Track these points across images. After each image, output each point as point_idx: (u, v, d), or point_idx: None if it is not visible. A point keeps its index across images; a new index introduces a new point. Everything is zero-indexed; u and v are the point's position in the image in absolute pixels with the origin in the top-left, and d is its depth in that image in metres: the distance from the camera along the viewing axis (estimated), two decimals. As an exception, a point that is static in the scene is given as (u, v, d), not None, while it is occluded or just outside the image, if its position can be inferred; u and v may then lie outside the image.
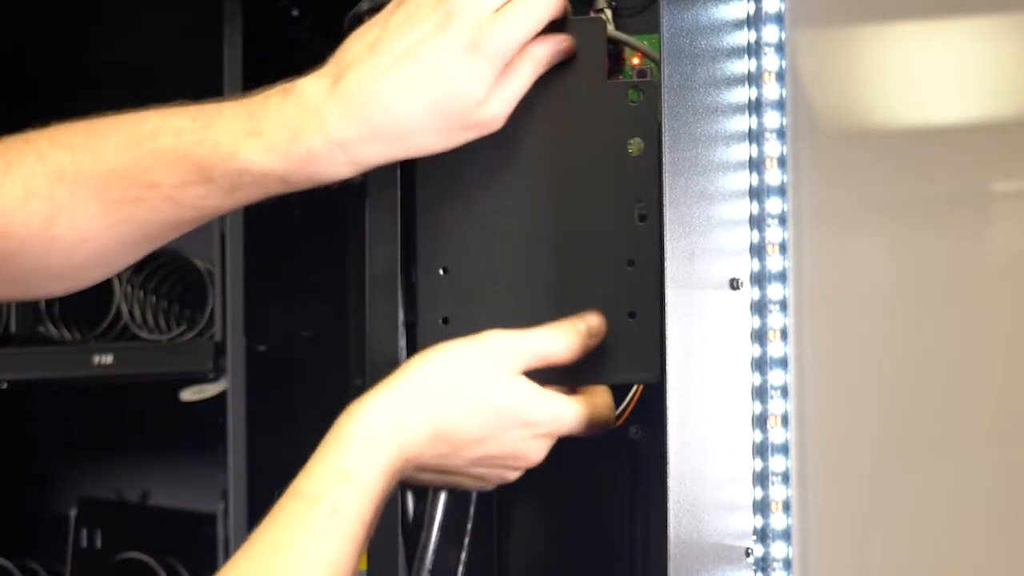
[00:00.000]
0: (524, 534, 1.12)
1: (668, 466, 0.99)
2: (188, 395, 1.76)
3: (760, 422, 1.24)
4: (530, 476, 1.05)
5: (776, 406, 1.25)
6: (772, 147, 1.26)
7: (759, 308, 1.24)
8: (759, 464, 1.23)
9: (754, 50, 1.25)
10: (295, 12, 1.78)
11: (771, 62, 1.26)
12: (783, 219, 1.26)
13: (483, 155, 1.04)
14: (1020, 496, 1.32)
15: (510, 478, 1.03)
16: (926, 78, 1.39)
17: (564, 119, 1.04)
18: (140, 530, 1.91)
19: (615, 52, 1.07)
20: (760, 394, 1.24)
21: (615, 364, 1.02)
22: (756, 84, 1.25)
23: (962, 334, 1.34)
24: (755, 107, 1.25)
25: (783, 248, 1.26)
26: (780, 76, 1.26)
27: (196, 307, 1.80)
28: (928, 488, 1.34)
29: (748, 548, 1.19)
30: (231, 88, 1.68)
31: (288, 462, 0.97)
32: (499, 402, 0.99)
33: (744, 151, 1.23)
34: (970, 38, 1.39)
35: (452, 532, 1.07)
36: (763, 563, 1.23)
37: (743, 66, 1.24)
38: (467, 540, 1.08)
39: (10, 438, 2.02)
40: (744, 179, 1.23)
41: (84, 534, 1.80)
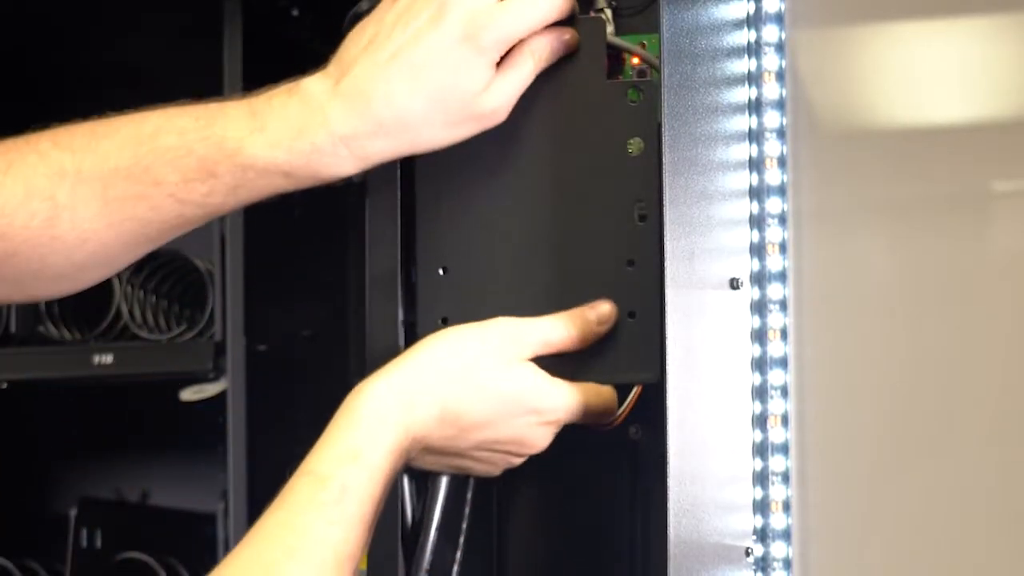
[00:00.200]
0: (524, 534, 1.12)
1: (668, 466, 0.99)
2: (188, 395, 1.75)
3: (760, 422, 1.24)
4: (530, 475, 1.05)
5: (776, 406, 1.24)
6: (772, 147, 1.26)
7: (759, 308, 1.24)
8: (759, 464, 1.23)
9: (754, 50, 1.25)
10: (295, 12, 1.78)
11: (771, 62, 1.26)
12: (783, 219, 1.26)
13: (483, 155, 1.04)
14: (1020, 496, 1.32)
15: (515, 463, 1.04)
16: (926, 78, 1.39)
17: (564, 119, 1.04)
18: (140, 530, 1.90)
19: (615, 52, 1.07)
20: (760, 394, 1.24)
21: (615, 364, 1.02)
22: (756, 84, 1.25)
23: (962, 334, 1.34)
24: (755, 107, 1.25)
25: (783, 248, 1.26)
26: (780, 76, 1.26)
27: (196, 307, 1.80)
28: (928, 488, 1.34)
29: (748, 548, 1.19)
30: (231, 88, 1.68)
31: (288, 462, 0.97)
32: (505, 387, 1.00)
33: (744, 151, 1.23)
34: (970, 38, 1.39)
35: (450, 531, 1.07)
36: (763, 563, 1.23)
37: (743, 66, 1.24)
38: (462, 539, 1.08)
39: (10, 438, 2.02)
40: (744, 179, 1.23)
41: (84, 534, 1.80)
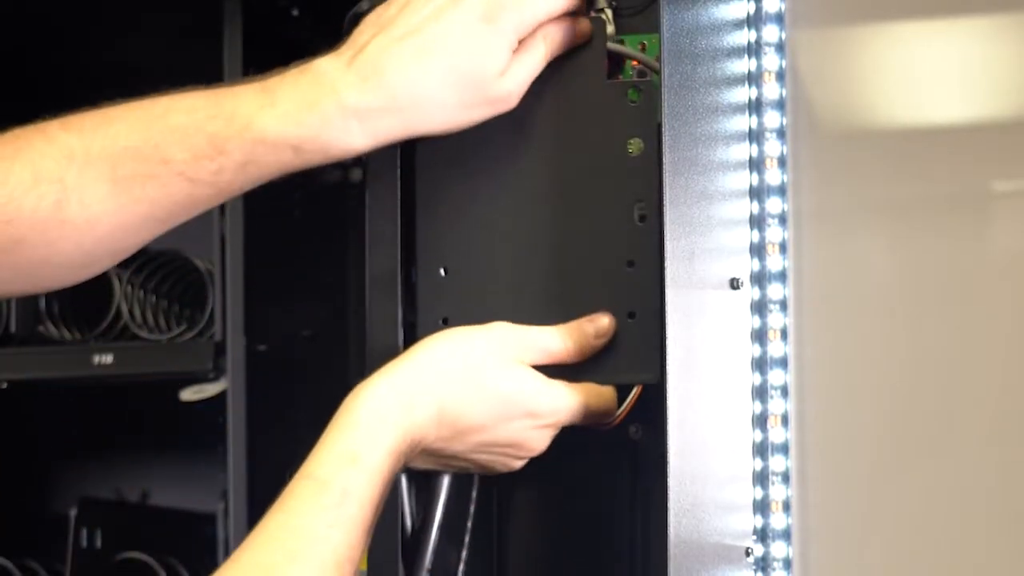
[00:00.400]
0: (524, 533, 1.12)
1: (668, 465, 0.99)
2: (188, 395, 1.75)
3: (760, 422, 1.24)
4: (531, 475, 1.05)
5: (776, 406, 1.24)
6: (772, 147, 1.26)
7: (759, 308, 1.24)
8: (759, 464, 1.23)
9: (754, 50, 1.25)
10: (295, 12, 1.78)
11: (771, 62, 1.26)
12: (783, 219, 1.26)
13: (483, 155, 1.04)
14: (1020, 496, 1.32)
15: (514, 466, 1.04)
16: (926, 78, 1.39)
17: (564, 119, 1.04)
18: (140, 530, 1.90)
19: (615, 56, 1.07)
20: (760, 394, 1.24)
21: (615, 365, 1.02)
22: (756, 84, 1.25)
23: (962, 334, 1.34)
24: (755, 107, 1.25)
25: (783, 248, 1.26)
26: (780, 76, 1.26)
27: (196, 307, 1.80)
28: (928, 488, 1.34)
29: (748, 548, 1.19)
30: (231, 88, 1.68)
31: (288, 462, 0.97)
32: (503, 390, 0.99)
33: (744, 151, 1.23)
34: (970, 38, 1.39)
35: (452, 532, 1.07)
36: (763, 563, 1.23)
37: (743, 66, 1.24)
38: (467, 539, 1.08)
39: (10, 438, 2.02)
40: (744, 179, 1.23)
41: (84, 534, 1.80)
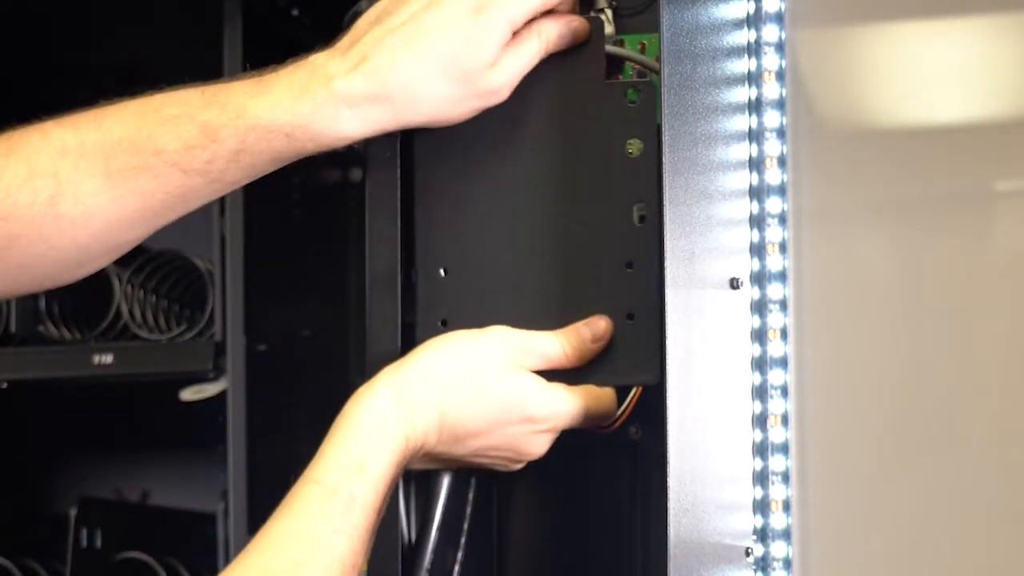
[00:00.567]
0: (524, 533, 1.12)
1: (668, 465, 0.99)
2: (188, 395, 1.75)
3: (760, 421, 1.24)
4: (530, 475, 1.05)
5: (776, 405, 1.24)
6: (772, 146, 1.26)
7: (759, 307, 1.24)
8: (759, 463, 1.23)
9: (754, 49, 1.25)
10: (295, 12, 1.78)
11: (771, 61, 1.26)
12: (783, 218, 1.26)
13: (482, 156, 1.04)
14: (1020, 496, 1.32)
15: (513, 468, 1.04)
16: (926, 77, 1.39)
17: (563, 120, 1.04)
18: (140, 530, 1.90)
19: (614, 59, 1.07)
20: (760, 393, 1.24)
21: (614, 366, 1.02)
22: (756, 83, 1.25)
23: (962, 333, 1.34)
24: (755, 106, 1.25)
25: (783, 247, 1.26)
26: (780, 75, 1.26)
27: (196, 307, 1.80)
28: (928, 487, 1.34)
29: (748, 547, 1.19)
30: (231, 88, 1.67)
31: (288, 462, 0.97)
32: (503, 395, 1.00)
33: (744, 150, 1.23)
34: (970, 37, 1.39)
35: (450, 532, 1.07)
36: (763, 562, 1.23)
37: (743, 65, 1.24)
38: (464, 540, 1.08)
39: (10, 438, 2.02)
40: (744, 178, 1.23)
41: (84, 534, 1.79)
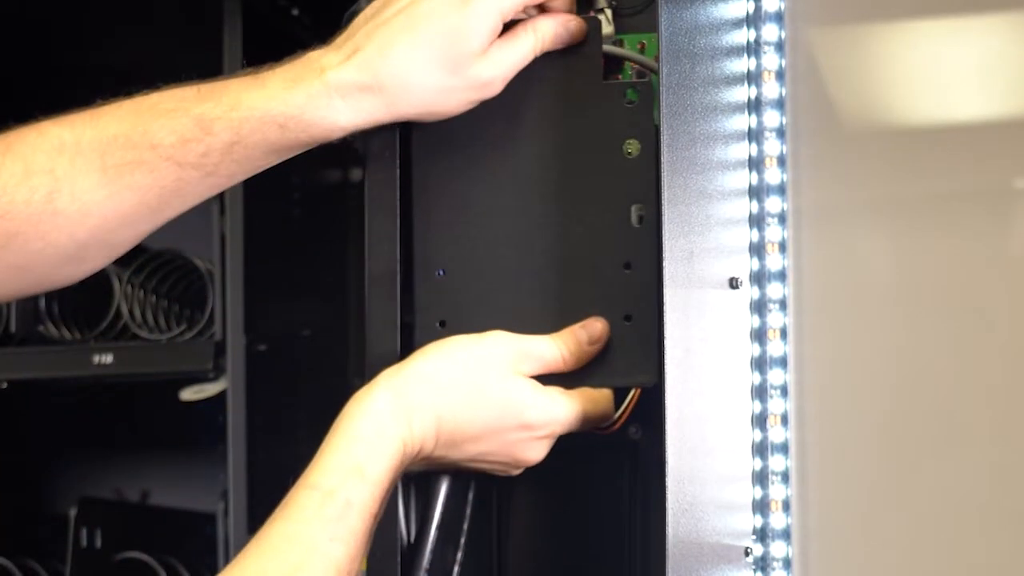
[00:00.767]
0: (524, 533, 1.12)
1: (667, 465, 0.99)
2: (188, 395, 1.76)
3: (760, 421, 1.23)
4: (530, 475, 1.05)
5: (776, 405, 1.24)
6: (772, 146, 1.25)
7: (759, 307, 1.24)
8: (759, 463, 1.23)
9: (754, 49, 1.25)
10: (295, 12, 1.78)
11: (771, 61, 1.26)
12: (783, 218, 1.26)
13: (480, 157, 1.04)
14: (1020, 496, 1.32)
15: (512, 473, 1.04)
16: (927, 76, 1.39)
17: (561, 121, 1.04)
18: (140, 530, 1.90)
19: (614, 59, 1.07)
20: (760, 393, 1.24)
21: (612, 367, 1.02)
22: (756, 83, 1.25)
23: (962, 333, 1.34)
24: (755, 106, 1.25)
25: (783, 247, 1.25)
26: (780, 75, 1.26)
27: (196, 307, 1.80)
28: (928, 487, 1.33)
29: (748, 547, 1.19)
30: (231, 88, 1.67)
31: (288, 462, 0.97)
32: (501, 402, 1.00)
33: (744, 150, 1.23)
34: (971, 36, 1.39)
35: (449, 531, 1.07)
36: (763, 562, 1.23)
37: (743, 65, 1.24)
38: (463, 540, 1.08)
39: (10, 438, 2.02)
40: (744, 178, 1.23)
41: (84, 534, 1.80)
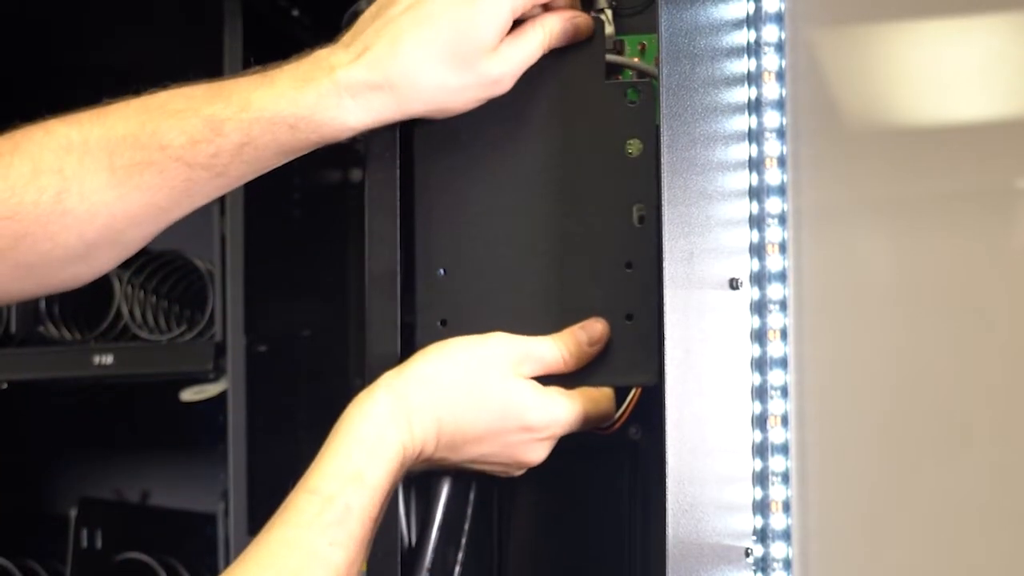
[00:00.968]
0: (524, 534, 1.12)
1: (666, 466, 0.99)
2: (188, 395, 1.75)
3: (760, 422, 1.23)
4: (531, 476, 1.05)
5: (776, 406, 1.24)
6: (772, 147, 1.25)
7: (759, 308, 1.24)
8: (759, 464, 1.23)
9: (754, 50, 1.25)
10: (295, 12, 1.78)
11: (771, 61, 1.26)
12: (783, 219, 1.26)
13: (482, 156, 1.04)
14: (1021, 496, 1.32)
15: (513, 475, 1.04)
16: (927, 76, 1.39)
17: (563, 120, 1.04)
18: (140, 530, 1.90)
19: (616, 51, 1.07)
20: (760, 394, 1.24)
21: (613, 367, 1.02)
22: (756, 84, 1.25)
23: (962, 333, 1.34)
24: (755, 107, 1.25)
25: (783, 248, 1.25)
26: (780, 75, 1.26)
27: (196, 307, 1.80)
28: (928, 488, 1.33)
29: (748, 548, 1.19)
30: (231, 88, 1.67)
31: (288, 462, 0.97)
32: (502, 404, 1.00)
33: (744, 151, 1.23)
34: (971, 35, 1.39)
35: (451, 533, 1.07)
36: (763, 563, 1.23)
37: (743, 66, 1.24)
38: (464, 540, 1.08)
39: (11, 438, 2.02)
40: (744, 179, 1.23)
41: (84, 534, 1.79)
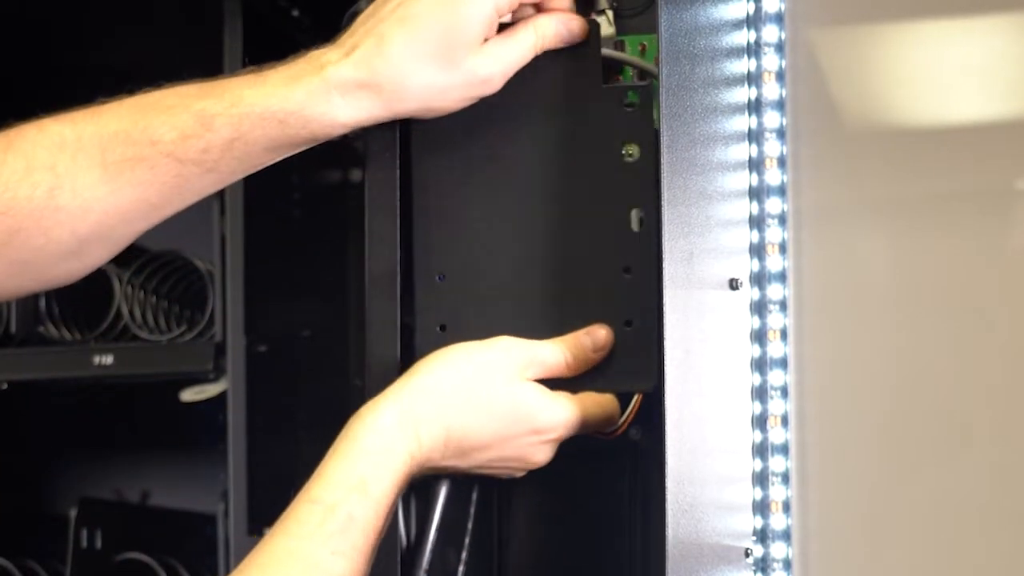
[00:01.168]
0: (525, 534, 1.12)
1: (666, 467, 0.99)
2: (188, 395, 1.75)
3: (760, 422, 1.23)
4: (532, 477, 1.05)
5: (776, 406, 1.24)
6: (772, 147, 1.25)
7: (759, 308, 1.24)
8: (759, 464, 1.23)
9: (754, 50, 1.25)
10: (295, 12, 1.78)
11: (771, 62, 1.26)
12: (783, 219, 1.26)
13: (479, 161, 1.04)
14: (1021, 497, 1.32)
15: (517, 476, 1.04)
16: (927, 76, 1.39)
17: (560, 125, 1.04)
18: (140, 530, 1.90)
19: (617, 51, 1.07)
20: (760, 394, 1.24)
21: (612, 373, 1.02)
22: (756, 84, 1.25)
23: (962, 333, 1.34)
24: (755, 107, 1.25)
25: (783, 248, 1.25)
26: (780, 76, 1.26)
27: (196, 307, 1.80)
28: (928, 488, 1.33)
29: (748, 548, 1.19)
30: (231, 89, 1.67)
31: (288, 462, 0.97)
32: (508, 408, 1.00)
33: (744, 151, 1.23)
34: (971, 36, 1.39)
35: (453, 533, 1.07)
36: (763, 564, 1.23)
37: (743, 66, 1.24)
38: (467, 540, 1.08)
39: (10, 438, 2.02)
40: (744, 179, 1.23)
41: (84, 534, 1.79)
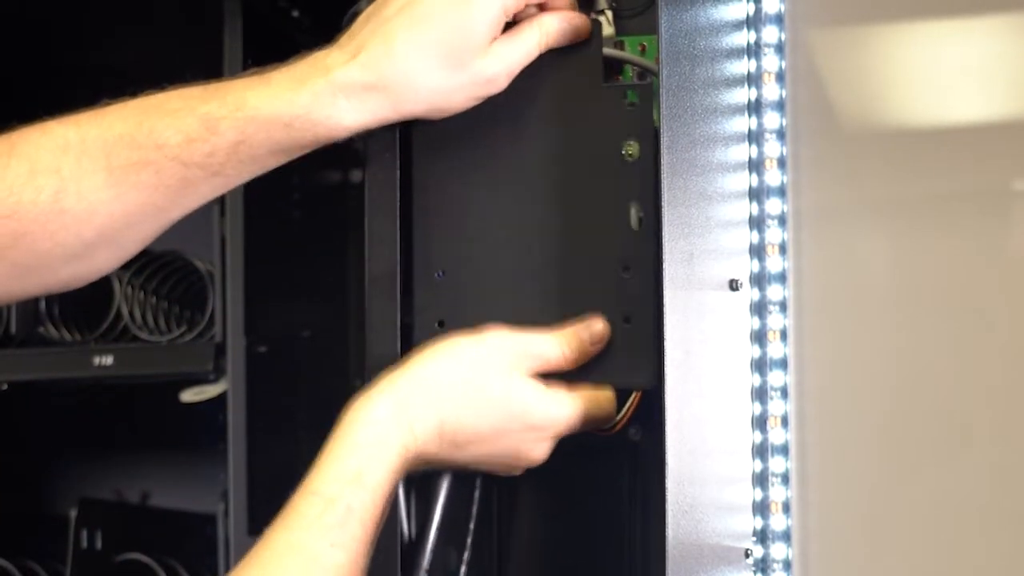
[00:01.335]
0: (524, 534, 1.12)
1: (666, 467, 0.99)
2: (189, 396, 1.75)
3: (760, 423, 1.24)
4: (531, 476, 1.05)
5: (776, 407, 1.24)
6: (772, 148, 1.25)
7: (759, 309, 1.24)
8: (759, 465, 1.23)
9: (753, 51, 1.25)
10: (295, 13, 1.78)
11: (771, 63, 1.26)
12: (783, 220, 1.26)
13: (480, 158, 1.04)
14: (1021, 497, 1.32)
15: (514, 473, 1.04)
16: (926, 77, 1.39)
17: (561, 123, 1.04)
18: (140, 531, 1.90)
19: (614, 62, 1.08)
20: (760, 395, 1.24)
21: (610, 369, 1.02)
22: (756, 85, 1.25)
23: (962, 334, 1.34)
24: (755, 108, 1.25)
25: (783, 249, 1.26)
26: (780, 77, 1.26)
27: (196, 308, 1.80)
28: (928, 489, 1.34)
29: (748, 549, 1.19)
30: (231, 89, 1.67)
31: (288, 462, 0.97)
32: (504, 402, 1.00)
33: (744, 152, 1.23)
34: (970, 36, 1.39)
35: (454, 532, 1.07)
36: (763, 564, 1.23)
37: (743, 67, 1.24)
38: (469, 540, 1.08)
39: (10, 439, 2.02)
40: (744, 180, 1.23)
41: (84, 534, 1.79)
